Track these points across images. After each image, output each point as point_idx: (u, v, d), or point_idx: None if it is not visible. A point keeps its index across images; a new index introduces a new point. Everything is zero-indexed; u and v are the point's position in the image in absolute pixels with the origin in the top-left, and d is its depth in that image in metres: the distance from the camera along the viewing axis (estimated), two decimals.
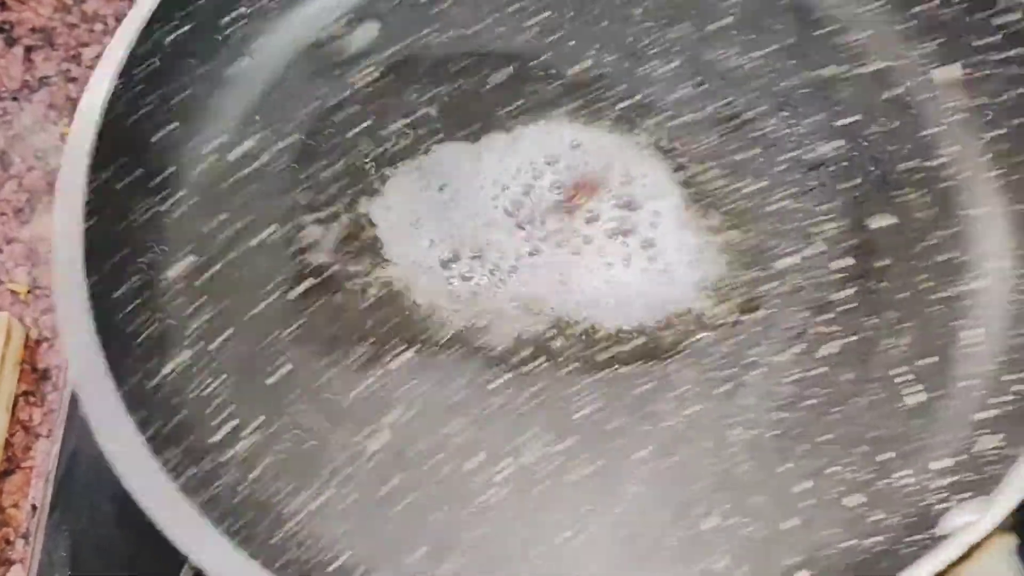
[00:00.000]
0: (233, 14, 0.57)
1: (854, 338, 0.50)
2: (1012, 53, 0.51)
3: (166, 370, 0.50)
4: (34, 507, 0.54)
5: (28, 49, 0.67)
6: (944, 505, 0.44)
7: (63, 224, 0.48)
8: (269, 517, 0.47)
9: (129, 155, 0.52)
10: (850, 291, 0.51)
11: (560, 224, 0.53)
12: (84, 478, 0.53)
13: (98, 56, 0.52)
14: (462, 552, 0.47)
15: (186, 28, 0.55)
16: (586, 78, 0.57)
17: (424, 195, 0.55)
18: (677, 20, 0.57)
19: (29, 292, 0.60)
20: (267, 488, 0.48)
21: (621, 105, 0.56)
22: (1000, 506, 0.41)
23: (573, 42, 0.58)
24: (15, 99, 0.65)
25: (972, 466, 0.45)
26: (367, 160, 0.56)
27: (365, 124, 0.57)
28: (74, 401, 0.55)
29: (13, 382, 0.57)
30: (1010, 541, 0.44)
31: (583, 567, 0.47)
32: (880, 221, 0.52)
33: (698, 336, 0.51)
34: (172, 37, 0.54)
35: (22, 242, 0.61)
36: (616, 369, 0.50)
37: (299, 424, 0.50)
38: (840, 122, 0.54)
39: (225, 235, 0.54)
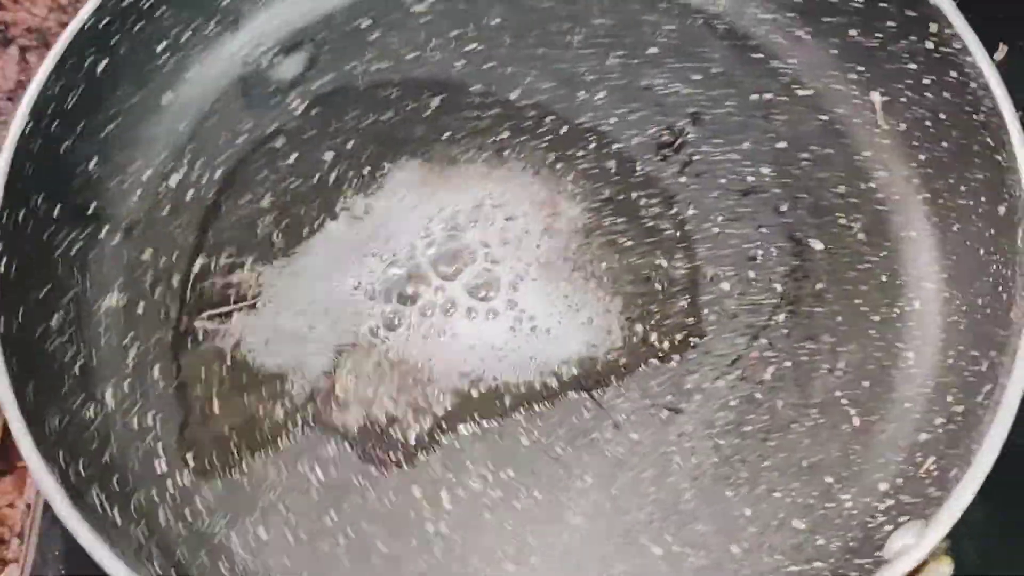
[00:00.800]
0: (161, 45, 0.56)
1: (790, 363, 0.50)
2: (934, 79, 0.51)
3: (98, 403, 0.50)
4: (28, 506, 0.54)
5: (23, 49, 0.66)
6: (888, 528, 0.44)
7: None
8: (208, 550, 0.47)
9: (50, 189, 0.51)
10: (785, 316, 0.51)
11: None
12: None
13: None
14: None
15: (113, 59, 0.54)
16: (521, 105, 0.57)
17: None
18: (613, 48, 0.57)
19: None
20: (205, 522, 0.48)
21: (555, 133, 0.56)
22: (935, 531, 0.41)
23: (509, 69, 0.57)
24: (10, 99, 0.65)
25: (911, 488, 0.46)
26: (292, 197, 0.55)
27: (294, 156, 0.56)
28: None
29: None
30: (946, 567, 0.44)
31: None
32: (814, 245, 0.53)
33: (635, 365, 0.50)
34: (100, 67, 0.53)
35: None
36: (553, 399, 0.50)
37: (234, 458, 0.49)
38: (773, 147, 0.55)
39: (155, 269, 0.53)
